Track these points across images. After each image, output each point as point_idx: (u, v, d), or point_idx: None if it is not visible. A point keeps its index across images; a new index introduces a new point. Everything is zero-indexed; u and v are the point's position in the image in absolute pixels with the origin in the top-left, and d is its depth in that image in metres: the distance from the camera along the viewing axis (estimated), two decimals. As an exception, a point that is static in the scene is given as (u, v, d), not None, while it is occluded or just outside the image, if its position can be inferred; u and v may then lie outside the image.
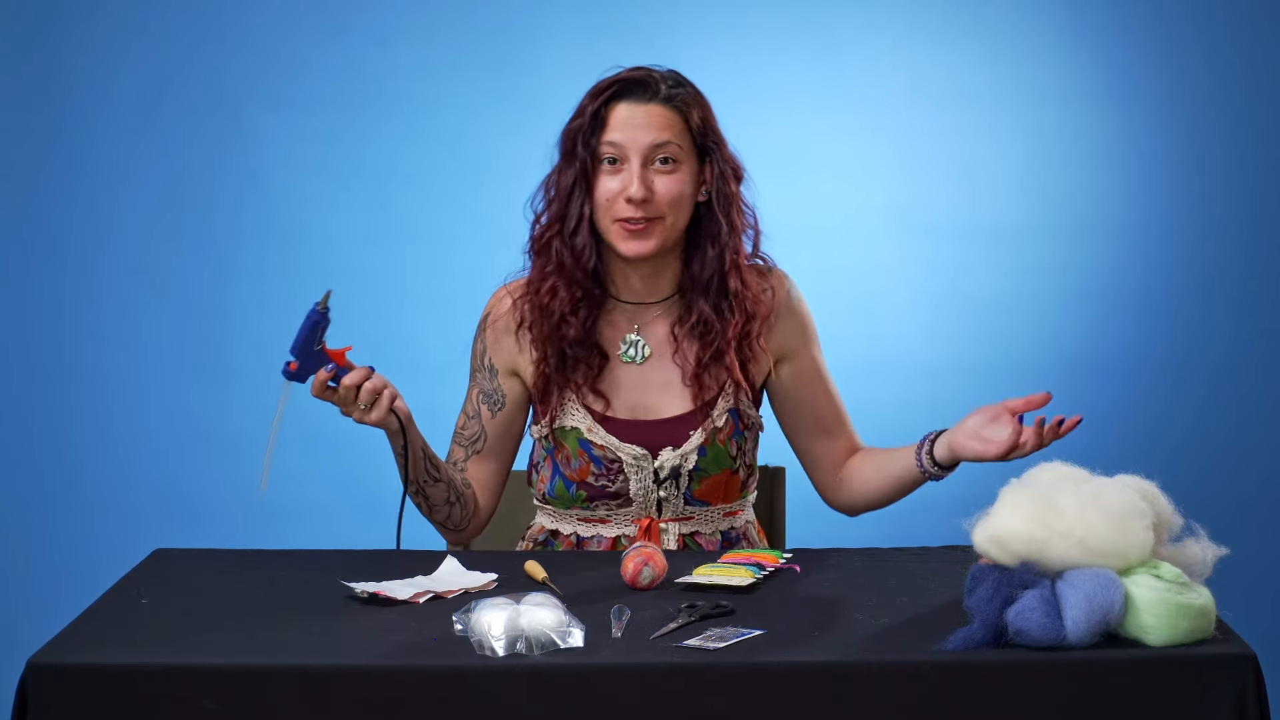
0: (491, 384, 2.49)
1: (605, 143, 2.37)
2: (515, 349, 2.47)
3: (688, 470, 2.43)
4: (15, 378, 3.87)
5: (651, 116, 2.38)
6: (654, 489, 2.43)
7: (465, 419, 2.51)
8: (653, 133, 2.37)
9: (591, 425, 2.43)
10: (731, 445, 2.45)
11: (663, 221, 2.37)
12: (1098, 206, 3.94)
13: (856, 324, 3.88)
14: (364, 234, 3.90)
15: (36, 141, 3.84)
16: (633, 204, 2.35)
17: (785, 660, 1.84)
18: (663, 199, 2.37)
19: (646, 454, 2.42)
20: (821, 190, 3.92)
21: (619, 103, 2.38)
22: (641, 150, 2.37)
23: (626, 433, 2.43)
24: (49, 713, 1.81)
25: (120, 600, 2.09)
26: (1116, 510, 1.90)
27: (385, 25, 3.88)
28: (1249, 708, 1.82)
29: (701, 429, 2.43)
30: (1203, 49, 3.91)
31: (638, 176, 2.36)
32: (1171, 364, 3.95)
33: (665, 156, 2.37)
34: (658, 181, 2.37)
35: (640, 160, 2.36)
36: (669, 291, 2.47)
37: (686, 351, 2.44)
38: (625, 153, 2.37)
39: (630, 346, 2.46)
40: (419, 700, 1.81)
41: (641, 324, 2.47)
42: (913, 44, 3.93)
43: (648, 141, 2.37)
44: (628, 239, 2.37)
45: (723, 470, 2.45)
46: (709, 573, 2.13)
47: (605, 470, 2.43)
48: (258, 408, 3.89)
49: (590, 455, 2.43)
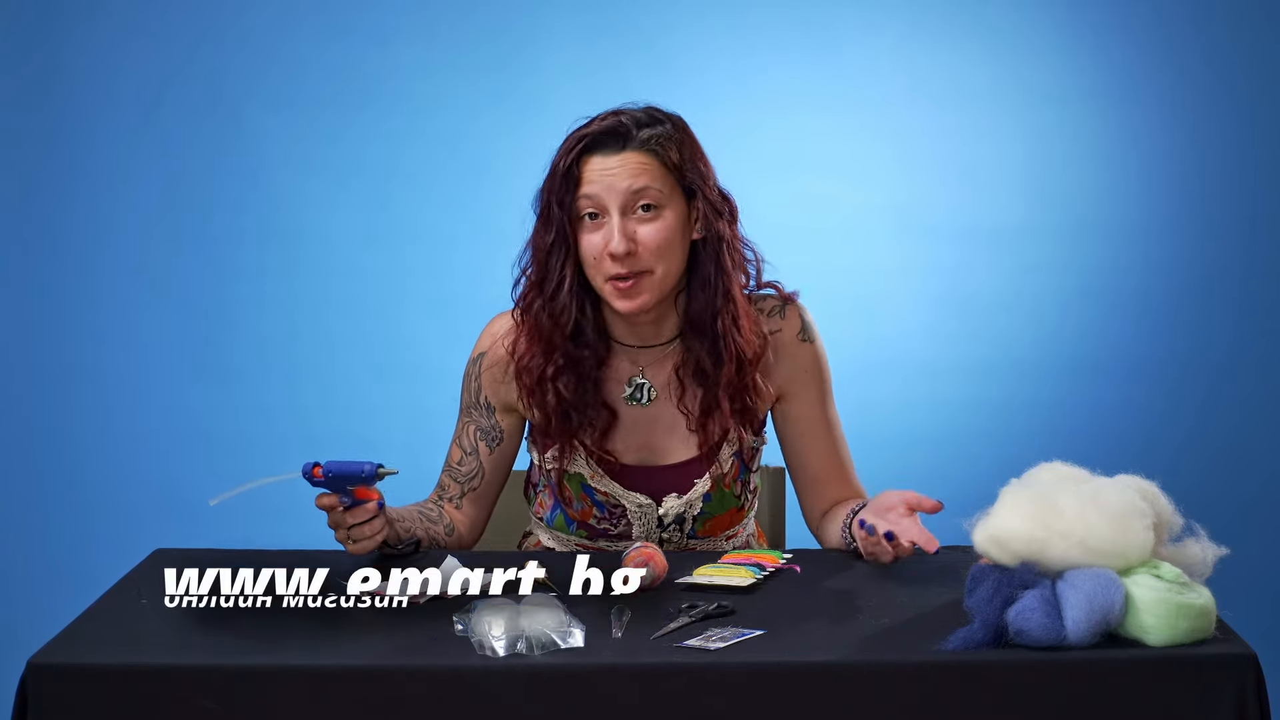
0: (489, 421, 2.43)
1: (582, 197, 2.27)
2: (511, 389, 2.41)
3: (692, 516, 2.41)
4: (15, 378, 3.87)
5: (626, 165, 2.27)
6: (657, 532, 2.41)
7: (461, 454, 2.45)
8: (629, 180, 2.26)
9: (595, 471, 2.39)
10: (736, 485, 2.43)
11: (652, 275, 2.29)
12: (1098, 206, 3.94)
13: (856, 324, 3.88)
14: (364, 234, 3.90)
15: (36, 141, 3.84)
16: (617, 260, 2.26)
17: (785, 660, 1.84)
18: (647, 249, 2.27)
19: (651, 503, 2.39)
20: (821, 191, 3.92)
21: (591, 156, 2.28)
22: (619, 201, 2.27)
23: (631, 480, 2.39)
24: (49, 713, 1.81)
25: (120, 600, 2.09)
26: (1116, 510, 1.90)
27: (385, 25, 3.88)
28: (1249, 708, 1.82)
29: (708, 475, 2.39)
30: (1203, 49, 3.91)
31: (618, 229, 2.26)
32: (1171, 364, 3.95)
33: (645, 204, 2.27)
34: (640, 231, 2.27)
35: (619, 211, 2.27)
36: (672, 334, 2.40)
37: (691, 398, 2.37)
38: (603, 205, 2.27)
39: (635, 390, 2.40)
40: (419, 700, 1.81)
41: (645, 366, 2.40)
42: (913, 44, 3.93)
43: (624, 190, 2.27)
44: (619, 298, 2.29)
45: (728, 510, 2.43)
46: (709, 573, 2.13)
47: (608, 514, 2.41)
48: (258, 408, 3.90)
49: (594, 500, 2.40)
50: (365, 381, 3.89)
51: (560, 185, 2.28)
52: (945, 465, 3.83)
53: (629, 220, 2.27)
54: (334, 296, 3.92)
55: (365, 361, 3.90)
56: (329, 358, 3.91)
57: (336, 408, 3.89)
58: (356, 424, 3.87)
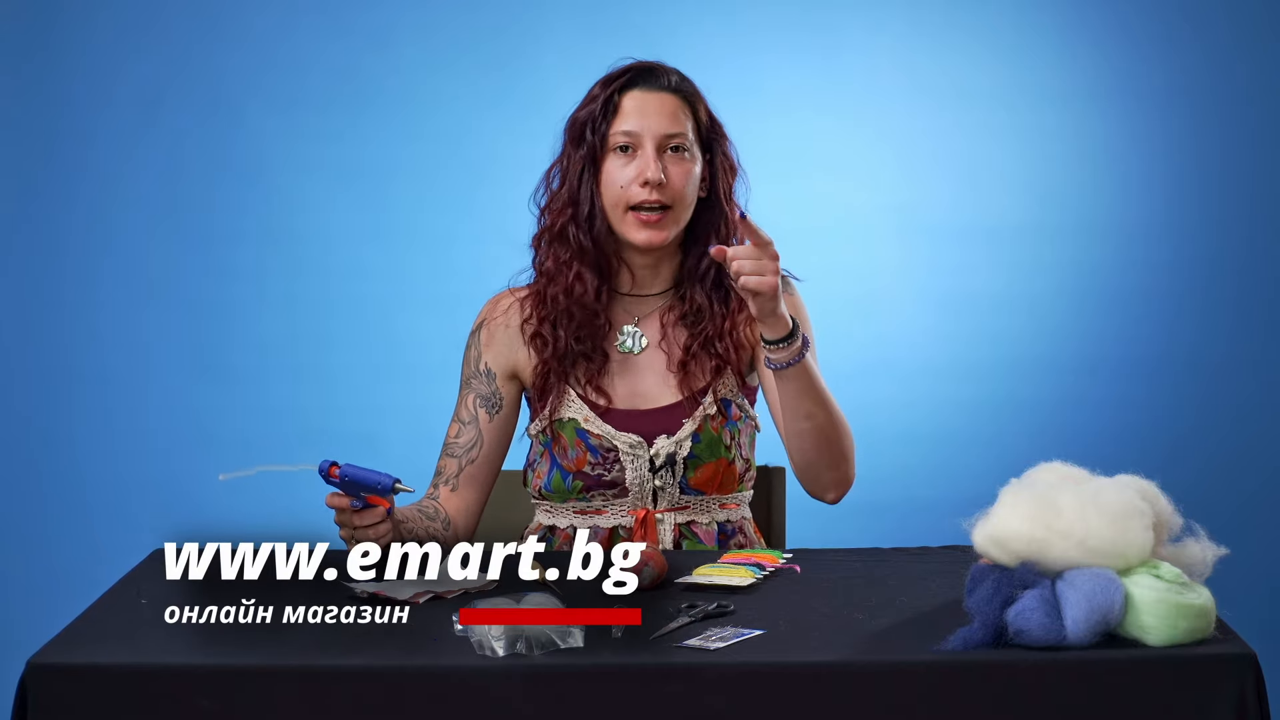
0: (489, 387, 2.49)
1: (618, 131, 2.39)
2: (514, 349, 2.48)
3: (682, 458, 2.43)
4: (15, 378, 3.87)
5: (665, 103, 2.41)
6: (650, 478, 2.44)
7: (459, 427, 2.49)
8: (666, 120, 2.39)
9: (588, 415, 2.44)
10: (725, 434, 2.45)
11: (674, 212, 2.40)
12: (1098, 206, 3.94)
13: (857, 324, 3.88)
14: (364, 234, 3.90)
15: (36, 141, 3.84)
16: (649, 187, 2.37)
17: (785, 660, 1.84)
18: (677, 186, 2.38)
19: (642, 442, 2.43)
20: (822, 190, 3.92)
21: (631, 90, 2.41)
22: (656, 137, 2.39)
23: (622, 422, 2.44)
24: (49, 713, 1.81)
25: (120, 600, 2.09)
26: (1116, 510, 1.90)
27: (385, 25, 3.88)
28: (1249, 707, 1.82)
29: (693, 417, 2.44)
30: (1203, 49, 3.91)
31: (654, 160, 2.37)
32: (1171, 364, 3.95)
33: (678, 145, 2.40)
34: (672, 169, 2.39)
35: (654, 147, 2.38)
36: (666, 285, 2.49)
37: (674, 340, 2.46)
38: (640, 140, 2.39)
39: (628, 337, 2.47)
40: (419, 700, 1.81)
41: (640, 316, 2.48)
42: (913, 44, 3.93)
43: (662, 129, 2.39)
44: (642, 228, 2.39)
45: (718, 459, 2.45)
46: (709, 573, 2.13)
47: (602, 459, 2.43)
48: (258, 408, 3.90)
49: (587, 445, 2.44)
50: (365, 381, 3.90)
51: (599, 113, 2.40)
52: (945, 465, 3.84)
53: (661, 158, 2.39)
54: (334, 296, 3.92)
55: (365, 361, 3.90)
56: (329, 358, 3.91)
57: (336, 408, 3.89)
58: (356, 424, 3.87)
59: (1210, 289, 3.95)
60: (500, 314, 2.49)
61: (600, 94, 2.41)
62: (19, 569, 3.85)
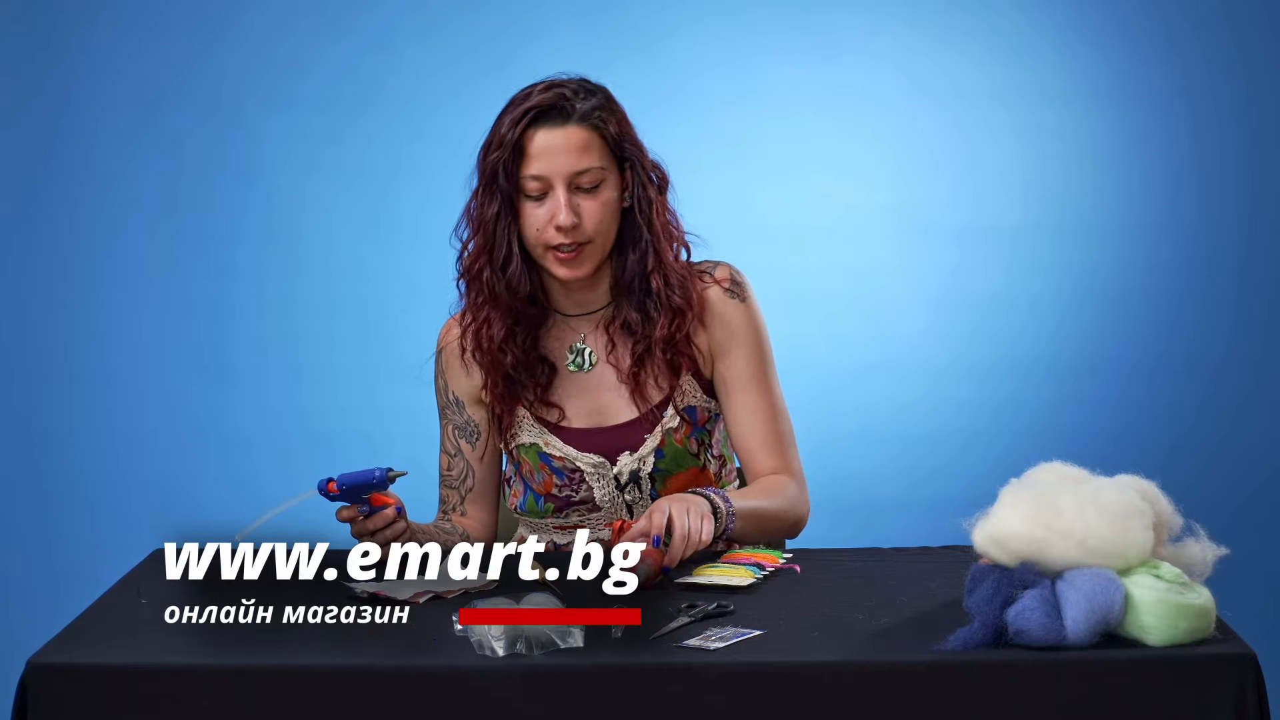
0: (462, 417, 2.48)
1: (528, 176, 2.35)
2: (469, 377, 2.47)
3: (647, 474, 2.43)
4: (15, 378, 3.87)
5: (570, 139, 2.34)
6: (619, 494, 2.43)
7: (448, 460, 2.50)
8: (573, 157, 2.34)
9: (548, 439, 2.43)
10: (691, 443, 2.44)
11: (592, 245, 2.36)
12: (1098, 206, 3.94)
13: (857, 324, 3.88)
14: (364, 234, 3.90)
15: (36, 141, 3.85)
16: (562, 231, 2.33)
17: (785, 660, 1.84)
18: (590, 223, 2.34)
19: (604, 461, 2.42)
20: (822, 190, 3.92)
21: (537, 128, 2.35)
22: (564, 178, 2.33)
23: (583, 441, 2.43)
24: (49, 713, 1.82)
25: (120, 600, 2.09)
26: (1116, 510, 1.90)
27: (385, 25, 3.88)
28: (1249, 708, 1.82)
29: (657, 429, 2.42)
30: (1203, 49, 3.91)
31: (565, 204, 2.33)
32: (1171, 364, 3.95)
33: (588, 183, 2.34)
34: (584, 206, 2.34)
35: (564, 187, 2.34)
36: (606, 299, 2.46)
37: (621, 354, 2.44)
38: (549, 182, 2.34)
39: (577, 355, 2.46)
40: (419, 700, 1.81)
41: (585, 332, 2.46)
42: (913, 44, 3.93)
43: (570, 169, 2.33)
44: (560, 265, 2.37)
45: (687, 469, 2.44)
46: (709, 573, 2.13)
47: (568, 481, 2.43)
48: (258, 408, 3.91)
49: (551, 468, 2.43)
50: (365, 381, 3.90)
51: (508, 156, 2.36)
52: (945, 465, 3.84)
53: (573, 196, 2.35)
54: (334, 296, 3.92)
55: (365, 361, 3.90)
56: (329, 358, 3.91)
57: (337, 408, 3.89)
58: (356, 424, 3.87)
59: (1210, 289, 3.95)
60: (452, 340, 2.48)
61: (507, 135, 2.36)
62: (19, 569, 3.85)
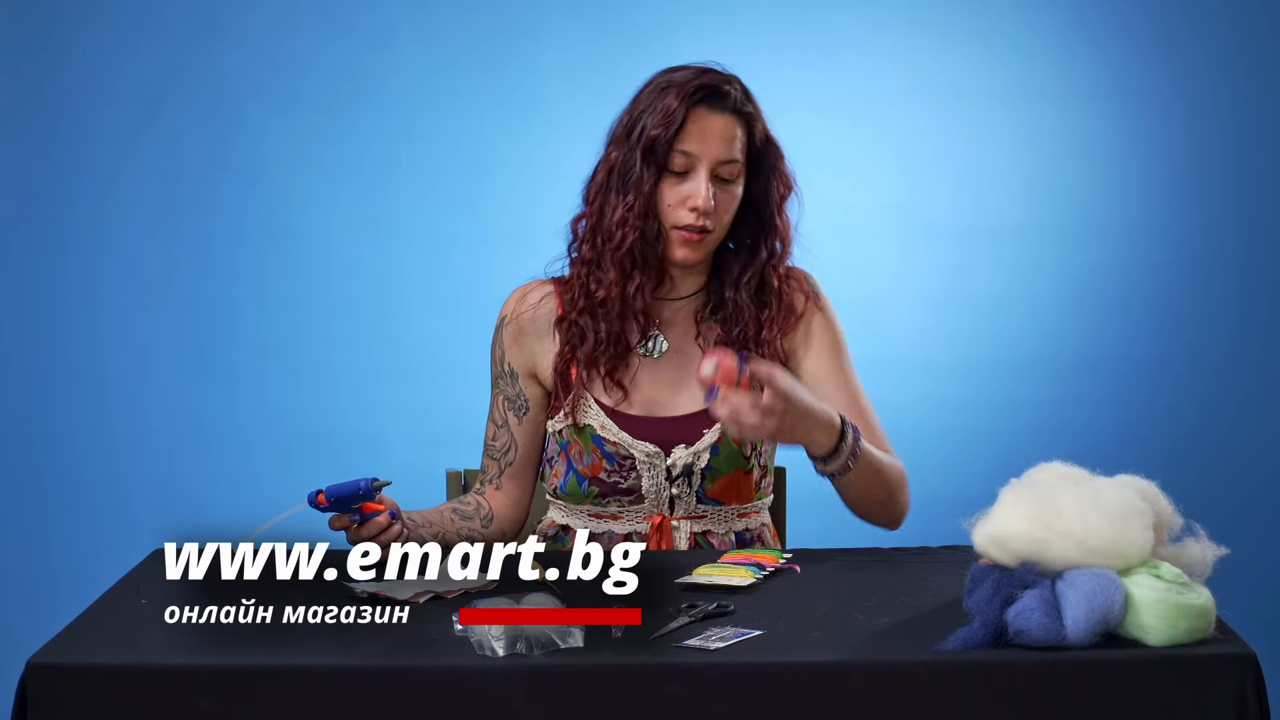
0: (514, 389, 2.49)
1: (679, 151, 2.36)
2: (536, 346, 2.47)
3: (700, 469, 2.43)
4: (15, 378, 3.87)
5: (726, 128, 2.39)
6: (666, 486, 2.43)
7: (494, 429, 2.50)
8: (724, 146, 2.37)
9: (605, 422, 2.42)
10: (745, 445, 2.44)
11: (714, 234, 2.39)
12: (1098, 206, 3.94)
13: (857, 324, 3.85)
14: (364, 234, 3.90)
15: (36, 141, 3.85)
16: (696, 213, 2.36)
17: (785, 660, 1.84)
18: (721, 213, 2.38)
19: (659, 451, 2.42)
20: (822, 190, 3.91)
21: (698, 108, 2.38)
22: (712, 163, 2.37)
23: (640, 429, 2.42)
24: (49, 713, 1.81)
25: (120, 600, 2.09)
26: (1116, 510, 1.90)
27: (385, 25, 3.88)
28: (1249, 707, 1.82)
29: (717, 425, 2.42)
30: (1203, 49, 3.91)
31: (706, 187, 2.36)
32: (1171, 364, 3.95)
33: (728, 174, 2.38)
34: (719, 196, 2.37)
35: (708, 171, 2.37)
36: (695, 288, 2.48)
37: (707, 338, 2.45)
38: (696, 163, 2.37)
39: (650, 340, 2.46)
40: (419, 700, 1.81)
41: (661, 319, 2.47)
42: (913, 44, 3.93)
43: (719, 156, 2.37)
44: (682, 246, 2.38)
45: (736, 470, 2.44)
46: (709, 573, 2.13)
47: (618, 467, 2.43)
48: (258, 408, 3.91)
49: (603, 452, 2.43)
50: (365, 381, 3.90)
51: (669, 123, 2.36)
52: (945, 465, 3.83)
53: (712, 183, 2.37)
54: (334, 296, 3.92)
55: (365, 361, 3.90)
56: (329, 358, 3.91)
57: (336, 408, 3.89)
58: (356, 424, 3.87)
59: (1210, 289, 3.95)
60: (528, 308, 2.48)
61: (677, 110, 2.37)
62: (19, 569, 3.85)
